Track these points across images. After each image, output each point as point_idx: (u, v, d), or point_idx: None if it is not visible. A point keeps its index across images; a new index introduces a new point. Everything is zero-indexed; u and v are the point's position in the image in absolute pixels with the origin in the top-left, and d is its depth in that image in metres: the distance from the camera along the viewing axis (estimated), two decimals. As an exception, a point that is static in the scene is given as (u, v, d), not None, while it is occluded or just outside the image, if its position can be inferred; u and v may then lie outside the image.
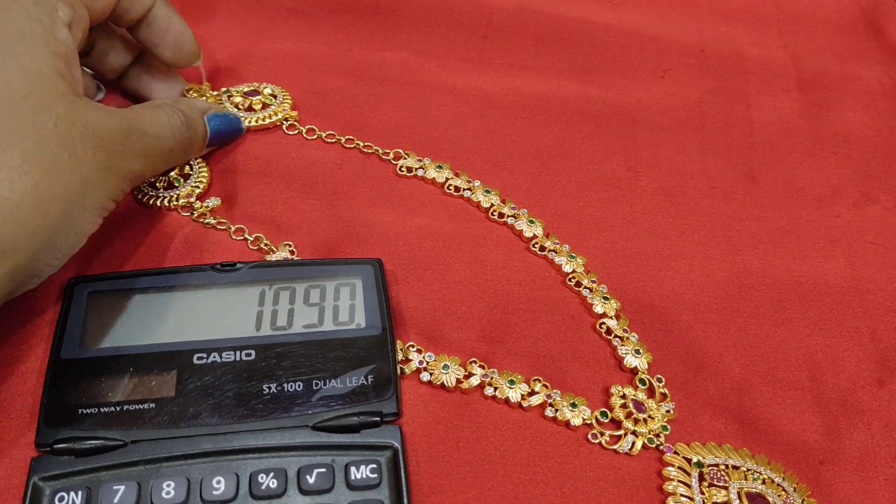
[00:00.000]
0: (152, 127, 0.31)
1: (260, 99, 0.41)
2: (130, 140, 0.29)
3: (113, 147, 0.28)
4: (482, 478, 0.29)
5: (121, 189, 0.29)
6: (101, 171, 0.27)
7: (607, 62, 0.48)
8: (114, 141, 0.28)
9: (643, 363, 0.33)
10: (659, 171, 0.42)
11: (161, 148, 0.32)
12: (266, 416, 0.28)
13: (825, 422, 0.33)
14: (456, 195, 0.39)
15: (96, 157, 0.27)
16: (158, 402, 0.28)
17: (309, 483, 0.27)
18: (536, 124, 0.43)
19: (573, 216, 0.39)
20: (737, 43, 0.50)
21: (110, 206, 0.29)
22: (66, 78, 0.27)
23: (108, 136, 0.28)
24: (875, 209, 0.41)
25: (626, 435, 0.31)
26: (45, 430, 0.27)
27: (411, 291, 0.35)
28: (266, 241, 0.36)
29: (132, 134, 0.29)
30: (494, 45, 0.48)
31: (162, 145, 0.32)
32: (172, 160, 0.34)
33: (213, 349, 0.30)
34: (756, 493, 0.29)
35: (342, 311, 0.32)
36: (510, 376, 0.32)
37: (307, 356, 0.30)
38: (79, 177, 0.26)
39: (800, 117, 0.46)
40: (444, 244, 0.37)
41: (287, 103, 0.42)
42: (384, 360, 0.30)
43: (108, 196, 0.29)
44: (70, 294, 0.31)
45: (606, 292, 0.36)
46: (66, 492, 0.26)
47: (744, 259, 0.38)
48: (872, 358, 0.35)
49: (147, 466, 0.27)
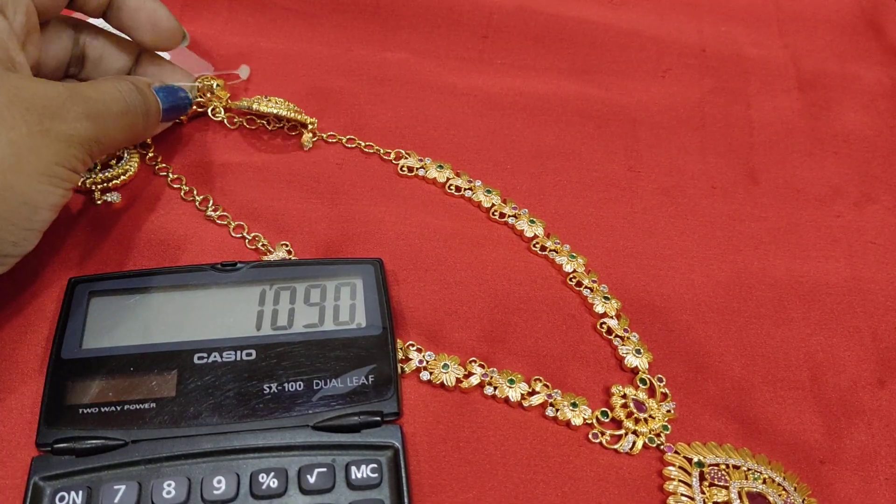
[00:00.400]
0: (96, 92, 0.30)
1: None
2: (71, 101, 0.28)
3: (48, 110, 0.27)
4: (482, 477, 0.29)
5: (70, 154, 0.28)
6: (34, 134, 0.27)
7: (607, 62, 0.48)
8: (49, 104, 0.27)
9: (644, 363, 0.33)
10: (659, 171, 0.42)
11: (110, 111, 0.30)
12: (267, 415, 0.28)
13: (826, 421, 0.33)
14: (457, 195, 0.39)
15: (26, 119, 0.26)
16: (159, 402, 0.28)
17: (309, 483, 0.27)
18: (537, 124, 0.43)
19: (574, 216, 0.39)
20: (737, 43, 0.50)
21: (64, 174, 0.28)
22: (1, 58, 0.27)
23: (40, 100, 0.27)
24: (875, 209, 0.41)
25: (626, 435, 0.31)
26: (46, 429, 0.27)
27: (412, 291, 0.35)
28: (264, 240, 0.36)
29: (72, 97, 0.28)
30: (495, 45, 0.48)
31: (110, 108, 0.30)
32: (129, 125, 0.32)
33: (214, 349, 0.30)
34: (757, 493, 0.29)
35: (343, 310, 0.32)
36: (510, 376, 0.32)
37: (308, 356, 0.30)
38: (5, 142, 0.26)
39: (800, 117, 0.46)
40: (445, 244, 0.37)
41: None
42: (384, 360, 0.30)
43: (55, 161, 0.27)
44: (70, 294, 0.31)
45: (607, 292, 0.36)
46: (67, 491, 0.26)
47: (744, 259, 0.38)
48: (873, 358, 0.35)
49: (148, 466, 0.27)
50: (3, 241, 0.27)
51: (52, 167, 0.27)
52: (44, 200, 0.27)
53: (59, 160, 0.28)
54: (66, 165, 0.28)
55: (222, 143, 0.40)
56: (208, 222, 0.36)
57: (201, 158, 0.39)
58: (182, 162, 0.39)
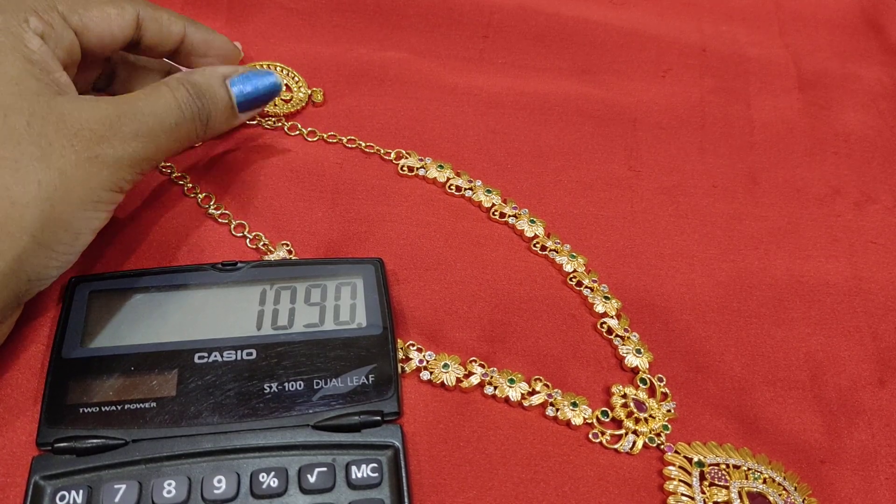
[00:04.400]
0: (148, 105, 0.29)
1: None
2: (120, 123, 0.27)
3: (96, 134, 0.27)
4: (483, 477, 0.29)
5: (119, 177, 0.28)
6: (82, 163, 0.26)
7: (608, 62, 0.48)
8: (97, 128, 0.27)
9: (644, 363, 0.33)
10: (660, 170, 0.42)
11: (163, 125, 0.29)
12: (267, 415, 0.28)
13: (826, 421, 0.33)
14: (457, 195, 0.39)
15: (75, 148, 0.26)
16: (159, 402, 0.28)
17: (310, 482, 0.27)
18: (537, 124, 0.43)
19: (574, 216, 0.39)
20: (737, 43, 0.50)
21: (110, 197, 0.28)
22: (42, 80, 0.27)
23: (88, 124, 0.26)
24: (876, 209, 0.41)
25: (626, 434, 0.31)
26: (46, 429, 0.27)
27: (412, 291, 0.35)
28: (265, 240, 0.36)
29: (122, 117, 0.27)
30: (495, 44, 0.48)
31: (163, 122, 0.29)
32: (185, 136, 0.31)
33: (214, 348, 0.30)
34: (757, 493, 0.29)
35: (343, 310, 0.32)
36: (510, 375, 0.32)
37: (308, 355, 0.30)
38: (55, 173, 0.25)
39: (800, 117, 0.46)
40: (446, 244, 0.37)
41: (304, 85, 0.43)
42: (385, 360, 0.30)
43: (103, 187, 0.27)
44: (71, 293, 0.31)
45: (607, 292, 0.36)
46: (68, 491, 0.26)
47: (745, 258, 0.38)
48: (873, 357, 0.35)
49: (148, 465, 0.27)
50: (46, 266, 0.27)
51: (99, 193, 0.27)
52: (87, 226, 0.27)
53: (107, 185, 0.27)
54: (113, 189, 0.28)
55: (224, 142, 0.40)
56: (209, 221, 0.36)
57: (204, 155, 0.39)
58: (185, 159, 0.39)
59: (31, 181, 0.25)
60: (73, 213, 0.26)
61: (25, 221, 0.25)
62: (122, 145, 0.27)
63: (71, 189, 0.26)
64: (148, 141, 0.28)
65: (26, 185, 0.25)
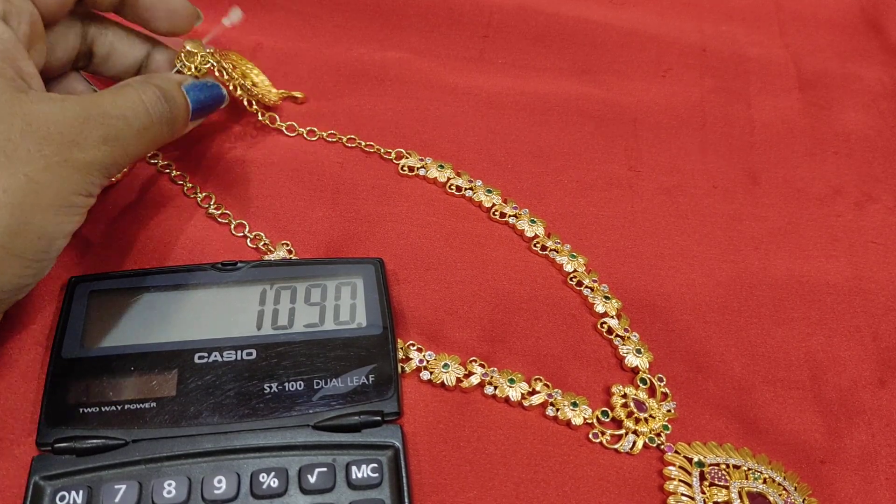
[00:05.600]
0: (116, 107, 0.27)
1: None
2: (89, 126, 0.26)
3: (65, 138, 0.25)
4: (483, 477, 0.29)
5: (88, 181, 0.27)
6: (51, 167, 0.25)
7: (608, 62, 0.48)
8: (66, 131, 0.25)
9: (644, 363, 0.33)
10: (660, 170, 0.42)
11: (131, 129, 0.28)
12: (267, 415, 0.28)
13: (826, 421, 0.33)
14: (458, 195, 0.39)
15: (42, 152, 0.24)
16: (159, 402, 0.28)
17: (310, 482, 0.27)
18: (537, 124, 0.43)
19: (574, 216, 0.39)
20: (738, 43, 0.50)
21: (82, 201, 0.27)
22: (5, 73, 0.25)
23: (56, 126, 0.25)
24: (876, 209, 0.41)
25: (626, 434, 0.31)
26: (46, 429, 0.27)
27: (412, 291, 0.35)
28: (265, 239, 0.36)
29: (90, 119, 0.26)
30: (495, 44, 0.48)
31: (131, 125, 0.28)
32: (152, 139, 0.30)
33: (214, 348, 0.30)
34: (757, 493, 0.29)
35: (343, 310, 0.32)
36: (510, 375, 0.32)
37: (308, 355, 0.30)
38: (22, 178, 0.24)
39: (800, 117, 0.46)
40: (446, 243, 0.37)
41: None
42: (385, 360, 0.30)
43: (73, 191, 0.26)
44: (71, 293, 0.31)
45: (607, 292, 0.36)
46: (68, 491, 0.26)
47: (745, 258, 0.38)
48: (873, 357, 0.35)
49: (148, 466, 0.27)
50: (21, 275, 0.26)
51: (69, 198, 0.26)
52: (60, 231, 0.26)
53: (77, 189, 0.26)
54: (83, 193, 0.27)
55: (224, 141, 0.40)
56: (209, 221, 0.36)
57: (203, 155, 0.39)
58: (184, 158, 0.39)
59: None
60: (44, 220, 0.25)
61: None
62: (92, 150, 0.26)
63: (40, 195, 0.25)
64: (117, 145, 0.27)
65: None
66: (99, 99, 0.27)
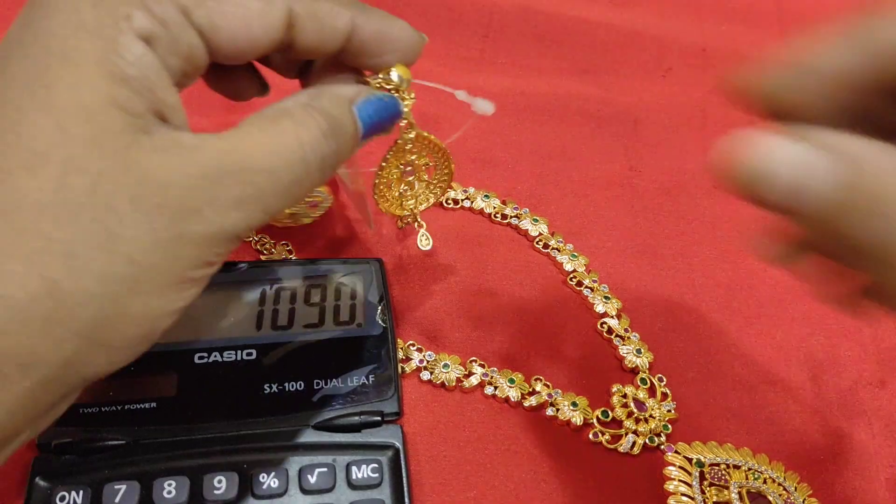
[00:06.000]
0: (262, 157, 0.20)
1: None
2: (220, 187, 0.19)
3: (185, 205, 0.19)
4: (483, 477, 0.29)
5: (210, 253, 0.20)
6: (161, 244, 0.18)
7: (608, 62, 0.48)
8: (188, 196, 0.19)
9: (644, 363, 0.33)
10: (660, 170, 0.42)
11: (277, 185, 0.20)
12: (267, 415, 0.28)
13: (826, 421, 0.33)
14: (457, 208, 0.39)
15: (153, 225, 0.18)
16: (160, 402, 0.28)
17: (310, 482, 0.27)
18: (538, 124, 0.43)
19: (574, 216, 0.39)
20: (738, 43, 0.50)
21: (200, 273, 0.20)
22: (130, 109, 0.18)
23: (177, 190, 0.18)
24: (876, 209, 0.41)
25: (626, 434, 0.31)
26: (47, 429, 0.27)
27: (412, 290, 0.35)
28: (269, 239, 0.36)
29: (224, 178, 0.19)
30: (495, 44, 0.48)
31: (279, 181, 0.20)
32: (301, 193, 0.22)
33: (214, 349, 0.30)
34: (757, 493, 0.29)
35: (343, 310, 0.32)
36: (510, 375, 0.32)
37: (308, 356, 0.30)
38: (122, 261, 0.18)
39: (801, 117, 0.46)
40: (446, 243, 0.37)
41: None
42: (385, 360, 0.30)
43: (188, 268, 0.19)
44: (71, 293, 0.31)
45: (607, 292, 0.36)
46: (68, 491, 0.26)
47: (745, 258, 0.38)
48: (873, 358, 0.35)
49: (149, 466, 0.27)
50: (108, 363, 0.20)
51: (182, 275, 0.20)
52: (165, 311, 0.20)
53: (192, 265, 0.20)
54: (202, 266, 0.20)
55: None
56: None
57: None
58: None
59: (87, 274, 0.18)
60: (146, 305, 0.19)
61: (78, 322, 0.18)
62: (218, 218, 0.19)
63: (142, 280, 0.19)
64: (253, 208, 0.20)
65: (81, 278, 0.18)
66: (241, 144, 0.20)
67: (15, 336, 0.17)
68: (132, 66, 0.18)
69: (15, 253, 0.17)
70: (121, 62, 0.18)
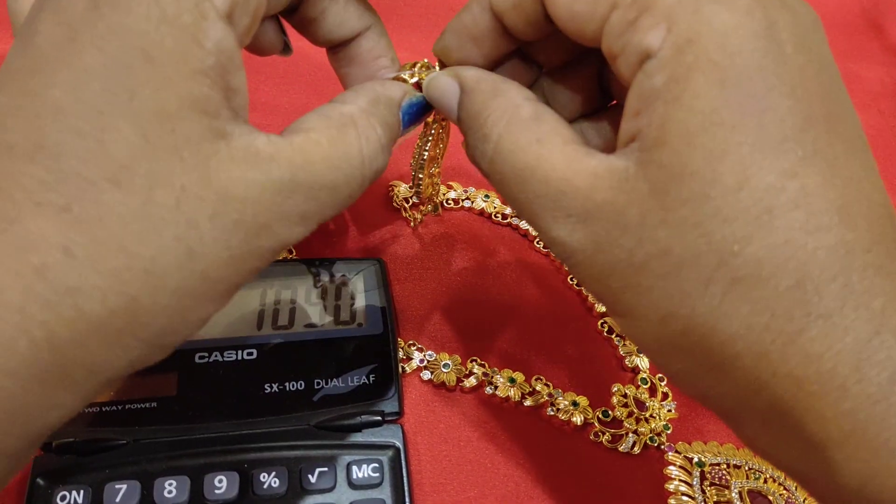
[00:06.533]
0: (329, 170, 0.20)
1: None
2: (291, 201, 0.19)
3: (259, 220, 0.18)
4: (483, 477, 0.29)
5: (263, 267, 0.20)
6: (233, 260, 0.18)
7: (608, 62, 0.48)
8: (262, 212, 0.18)
9: (645, 362, 0.33)
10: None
11: (335, 200, 0.20)
12: (268, 415, 0.28)
13: (826, 421, 0.32)
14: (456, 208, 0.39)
15: (230, 242, 0.18)
16: (160, 401, 0.28)
17: (311, 482, 0.27)
18: (537, 124, 0.43)
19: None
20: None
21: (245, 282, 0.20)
22: (208, 110, 0.17)
23: (254, 206, 0.18)
24: (876, 209, 0.41)
25: (627, 434, 0.31)
26: (47, 429, 0.27)
27: (413, 290, 0.35)
28: (267, 240, 0.36)
29: (296, 192, 0.19)
30: (495, 44, 0.48)
31: (338, 195, 0.20)
32: (348, 206, 0.21)
33: (215, 348, 0.30)
34: (758, 493, 0.29)
35: (343, 310, 0.32)
36: (510, 375, 0.32)
37: (308, 355, 0.30)
38: (197, 278, 0.18)
39: (801, 117, 0.46)
40: (446, 242, 0.37)
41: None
42: (385, 360, 0.30)
43: (246, 279, 0.19)
44: (72, 293, 0.31)
45: (608, 292, 0.36)
46: (69, 491, 0.26)
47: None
48: (874, 357, 0.35)
49: (149, 465, 0.27)
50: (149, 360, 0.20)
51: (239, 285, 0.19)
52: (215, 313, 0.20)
53: (247, 279, 0.20)
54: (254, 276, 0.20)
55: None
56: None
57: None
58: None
59: (164, 290, 0.17)
60: (205, 313, 0.19)
61: (147, 332, 0.18)
62: (285, 232, 0.19)
63: (209, 293, 0.19)
64: (312, 224, 0.20)
65: (157, 294, 0.17)
66: (311, 155, 0.19)
67: (90, 348, 0.17)
68: (211, 56, 0.17)
69: (97, 268, 0.16)
70: (201, 53, 0.17)
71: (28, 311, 0.16)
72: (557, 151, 0.19)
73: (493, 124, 0.21)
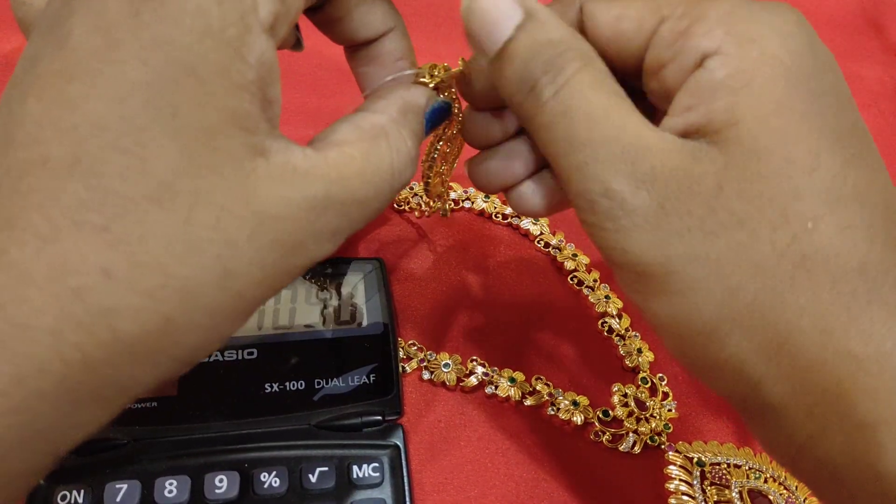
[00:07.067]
0: (361, 185, 0.19)
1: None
2: (324, 219, 0.19)
3: (294, 238, 0.18)
4: (483, 476, 0.29)
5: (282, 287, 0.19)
6: (268, 280, 0.18)
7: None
8: (297, 231, 0.18)
9: (645, 362, 0.33)
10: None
11: (364, 215, 0.20)
12: (268, 414, 0.28)
13: (827, 421, 0.33)
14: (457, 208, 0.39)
15: (265, 262, 0.18)
16: (161, 402, 0.28)
17: (311, 482, 0.27)
18: (538, 124, 0.43)
19: (575, 215, 0.39)
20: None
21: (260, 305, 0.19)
22: (248, 126, 0.17)
23: (289, 225, 0.18)
24: (876, 208, 0.41)
25: (627, 434, 0.31)
26: (48, 428, 0.27)
27: (413, 290, 0.35)
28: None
29: (328, 209, 0.19)
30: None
31: (367, 209, 0.20)
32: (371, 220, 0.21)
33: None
34: (758, 492, 0.29)
35: (344, 309, 0.32)
36: (510, 375, 0.32)
37: (309, 355, 0.30)
38: (232, 298, 0.18)
39: (801, 117, 0.46)
40: (446, 242, 0.37)
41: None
42: (386, 360, 0.30)
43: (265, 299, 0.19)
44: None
45: (608, 291, 0.36)
46: (69, 491, 0.26)
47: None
48: (874, 357, 0.35)
49: (149, 465, 0.27)
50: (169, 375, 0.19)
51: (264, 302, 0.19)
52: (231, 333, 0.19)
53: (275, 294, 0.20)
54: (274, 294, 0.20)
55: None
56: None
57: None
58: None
59: (199, 310, 0.17)
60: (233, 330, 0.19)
61: (180, 351, 0.18)
62: (318, 249, 0.19)
63: (242, 311, 0.18)
64: (341, 239, 0.20)
65: (193, 314, 0.17)
66: (345, 170, 0.19)
67: (122, 368, 0.17)
68: (252, 70, 0.17)
69: (135, 288, 0.16)
70: (244, 67, 0.17)
71: (62, 333, 0.15)
72: (633, 111, 0.20)
73: (572, 59, 0.20)
